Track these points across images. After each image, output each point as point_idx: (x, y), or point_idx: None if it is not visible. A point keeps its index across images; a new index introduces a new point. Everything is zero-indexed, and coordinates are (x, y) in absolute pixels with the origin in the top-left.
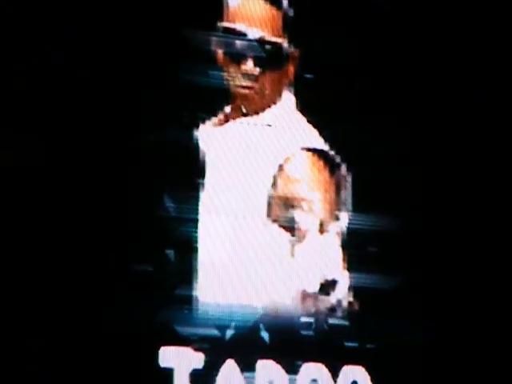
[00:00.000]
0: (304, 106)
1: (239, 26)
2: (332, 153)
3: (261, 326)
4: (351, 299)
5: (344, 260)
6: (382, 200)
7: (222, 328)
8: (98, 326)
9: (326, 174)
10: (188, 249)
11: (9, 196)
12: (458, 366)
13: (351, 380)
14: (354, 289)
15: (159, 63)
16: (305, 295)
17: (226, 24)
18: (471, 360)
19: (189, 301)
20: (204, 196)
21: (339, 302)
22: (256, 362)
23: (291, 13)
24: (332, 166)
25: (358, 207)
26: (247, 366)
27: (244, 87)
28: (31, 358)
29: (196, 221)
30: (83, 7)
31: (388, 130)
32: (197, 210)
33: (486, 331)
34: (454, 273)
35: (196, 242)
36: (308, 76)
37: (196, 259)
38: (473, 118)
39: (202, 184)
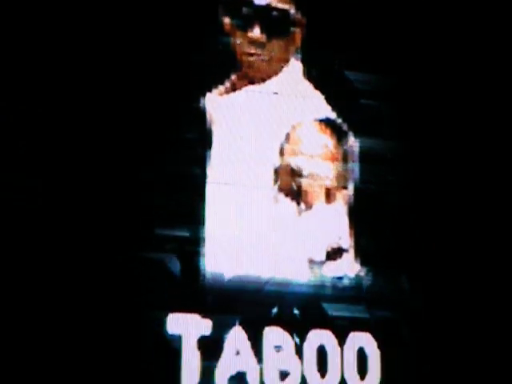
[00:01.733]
0: (311, 73)
1: None
2: (339, 121)
3: (268, 293)
4: (358, 266)
5: (351, 228)
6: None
7: (230, 296)
8: (106, 294)
9: (333, 141)
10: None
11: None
12: (463, 328)
13: (358, 346)
14: (360, 255)
15: (165, 32)
16: (312, 263)
17: None
18: (476, 321)
19: (197, 270)
20: (211, 166)
21: (346, 269)
22: (263, 328)
23: None
24: (339, 134)
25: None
26: (254, 333)
27: (251, 54)
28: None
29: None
30: None
31: (396, 96)
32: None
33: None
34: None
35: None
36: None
37: (204, 230)
38: None
39: (209, 154)
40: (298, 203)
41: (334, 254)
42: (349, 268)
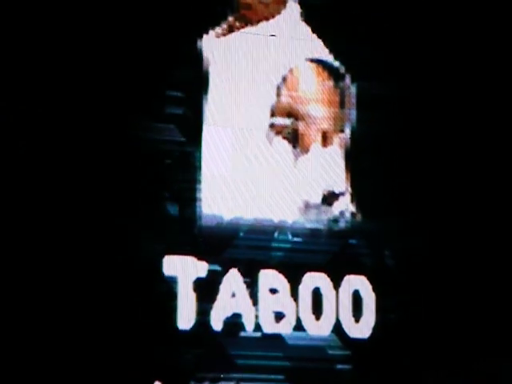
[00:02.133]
0: (309, 16)
1: None
2: (336, 63)
3: (264, 236)
4: (354, 210)
5: (347, 171)
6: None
7: (226, 239)
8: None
9: (330, 84)
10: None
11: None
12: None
13: (353, 289)
14: (356, 199)
15: None
16: (308, 206)
17: None
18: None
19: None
20: (207, 108)
21: (342, 212)
22: (259, 271)
23: None
24: (336, 77)
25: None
26: (250, 275)
27: None
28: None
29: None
30: None
31: (392, 43)
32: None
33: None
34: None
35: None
36: None
37: (200, 173)
38: None
39: (205, 96)
40: (294, 146)
41: (330, 197)
42: (345, 211)
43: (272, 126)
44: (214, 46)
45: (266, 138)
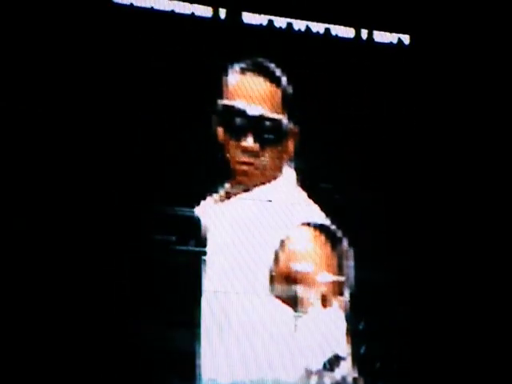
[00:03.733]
0: (304, 181)
1: (239, 104)
2: (333, 227)
3: None
4: (356, 375)
5: (348, 334)
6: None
7: None
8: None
9: (327, 248)
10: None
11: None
12: None
13: None
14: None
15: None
16: (309, 372)
17: (225, 102)
18: None
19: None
20: (206, 273)
21: (344, 378)
22: None
23: (290, 90)
24: (333, 241)
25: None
26: None
27: (244, 163)
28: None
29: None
30: None
31: (390, 205)
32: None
33: None
34: None
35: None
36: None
37: (199, 337)
38: None
39: (204, 260)
40: (295, 310)
41: (332, 362)
42: (347, 376)
43: (271, 289)
44: (211, 211)
45: (266, 302)
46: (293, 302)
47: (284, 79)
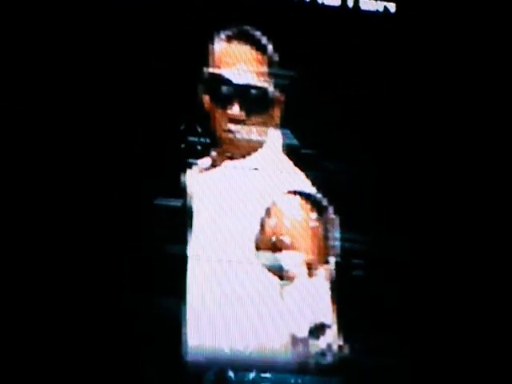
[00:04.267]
0: (290, 149)
1: (225, 72)
2: (319, 195)
3: (250, 369)
4: (341, 343)
5: (333, 303)
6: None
7: (212, 372)
8: None
9: (313, 216)
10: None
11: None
12: None
13: None
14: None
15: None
16: (295, 340)
17: (211, 70)
18: None
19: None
20: (192, 241)
21: (329, 346)
22: None
23: (276, 57)
24: (319, 209)
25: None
26: None
27: (230, 131)
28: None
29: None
30: None
31: (376, 173)
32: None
33: None
34: None
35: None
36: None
37: (185, 304)
38: None
39: (190, 229)
40: (281, 278)
41: (317, 329)
42: (332, 344)
43: (257, 258)
44: (197, 180)
45: (251, 270)
46: (278, 270)
47: (270, 47)
